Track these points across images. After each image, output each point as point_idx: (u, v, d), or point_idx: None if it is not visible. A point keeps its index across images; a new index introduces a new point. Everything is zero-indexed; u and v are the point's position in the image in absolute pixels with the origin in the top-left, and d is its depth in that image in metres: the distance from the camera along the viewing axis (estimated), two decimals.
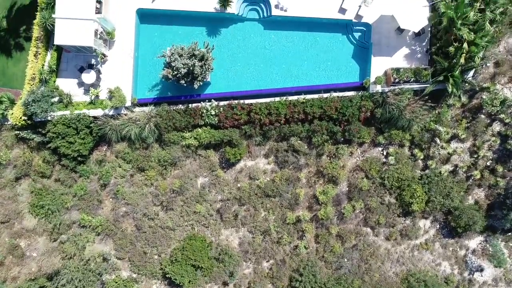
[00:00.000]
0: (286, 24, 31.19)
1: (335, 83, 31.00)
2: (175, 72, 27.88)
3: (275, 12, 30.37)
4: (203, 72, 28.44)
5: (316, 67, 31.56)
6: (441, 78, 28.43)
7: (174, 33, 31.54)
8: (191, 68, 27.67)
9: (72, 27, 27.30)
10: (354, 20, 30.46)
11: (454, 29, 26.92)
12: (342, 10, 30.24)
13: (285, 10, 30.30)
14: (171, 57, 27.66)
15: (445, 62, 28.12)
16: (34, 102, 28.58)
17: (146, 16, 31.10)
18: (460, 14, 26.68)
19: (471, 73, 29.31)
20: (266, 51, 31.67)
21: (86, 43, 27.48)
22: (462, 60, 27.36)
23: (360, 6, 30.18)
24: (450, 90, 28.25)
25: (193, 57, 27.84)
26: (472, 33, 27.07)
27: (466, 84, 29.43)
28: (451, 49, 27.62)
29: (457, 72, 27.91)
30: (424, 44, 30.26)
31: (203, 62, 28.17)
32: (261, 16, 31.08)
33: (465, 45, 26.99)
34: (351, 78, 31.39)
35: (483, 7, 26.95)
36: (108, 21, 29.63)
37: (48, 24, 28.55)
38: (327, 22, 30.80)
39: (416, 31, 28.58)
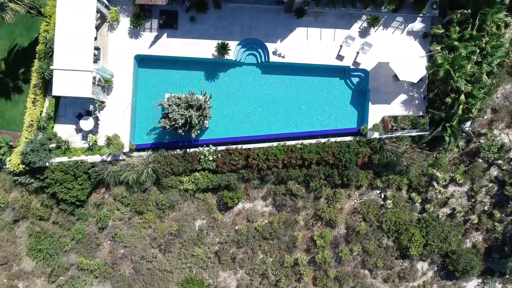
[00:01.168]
0: (283, 69, 31.27)
1: (333, 129, 31.05)
2: (173, 123, 27.95)
3: (273, 58, 30.46)
4: (200, 121, 28.50)
5: (313, 112, 31.63)
6: (439, 128, 28.44)
7: (172, 77, 31.63)
8: (188, 119, 27.74)
9: (70, 78, 27.34)
10: (352, 67, 30.53)
11: (452, 80, 26.94)
12: (340, 57, 30.32)
13: (283, 57, 30.38)
14: (169, 108, 27.72)
15: (442, 113, 28.16)
16: (32, 152, 28.63)
17: (144, 61, 31.18)
18: (457, 67, 26.70)
19: (469, 123, 29.35)
20: (263, 95, 31.74)
21: (84, 94, 27.52)
22: (459, 111, 27.40)
23: (357, 53, 30.26)
24: (447, 140, 28.29)
25: (190, 108, 27.90)
26: (469, 85, 27.12)
27: (464, 134, 29.48)
28: (449, 100, 27.65)
29: (454, 122, 27.93)
30: (421, 90, 30.33)
31: (200, 111, 28.23)
32: (259, 61, 31.14)
33: (462, 96, 27.04)
34: (349, 123, 31.46)
35: (480, 60, 26.95)
36: (106, 69, 29.70)
37: (46, 74, 28.60)
38: (325, 67, 30.86)
39: (415, 82, 28.59)
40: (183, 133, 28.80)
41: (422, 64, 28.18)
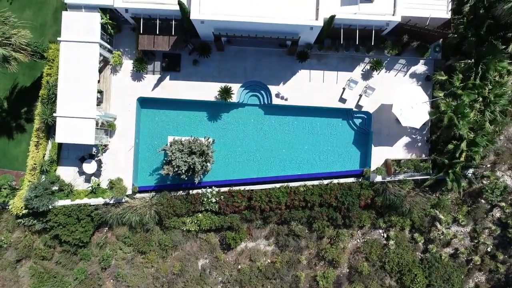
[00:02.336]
0: (286, 110, 31.25)
1: (336, 171, 31.01)
2: (176, 169, 27.96)
3: (275, 101, 30.45)
4: (204, 166, 28.51)
5: (316, 152, 31.62)
6: (441, 174, 28.45)
7: (175, 117, 31.63)
8: (191, 166, 27.77)
9: (73, 125, 27.36)
10: (354, 109, 30.52)
11: (455, 127, 26.91)
12: (343, 100, 30.31)
13: (286, 99, 30.38)
14: (172, 155, 27.74)
15: (445, 159, 28.15)
16: (36, 197, 28.64)
17: (147, 102, 31.16)
18: (460, 115, 26.68)
19: (471, 170, 29.33)
20: (266, 135, 31.74)
21: (87, 141, 27.56)
22: (462, 159, 27.38)
23: (360, 96, 30.25)
24: (450, 186, 28.26)
25: (193, 154, 27.90)
26: (472, 132, 27.11)
27: (466, 180, 29.48)
28: (451, 146, 27.62)
29: (457, 168, 27.91)
30: (424, 133, 30.30)
31: (203, 157, 28.24)
32: (262, 103, 31.13)
33: (463, 144, 27.01)
34: (352, 164, 31.44)
35: (483, 107, 26.94)
36: (109, 113, 29.70)
37: (49, 121, 28.62)
38: (328, 108, 30.84)
39: (418, 127, 28.57)
40: (186, 178, 28.81)
41: (425, 110, 28.15)
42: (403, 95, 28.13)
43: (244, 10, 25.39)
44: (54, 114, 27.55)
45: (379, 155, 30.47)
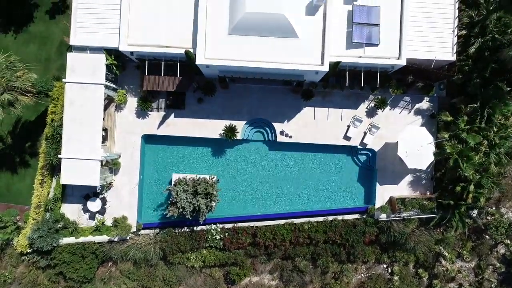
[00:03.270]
0: (290, 145, 31.22)
1: (340, 208, 31.00)
2: (181, 210, 27.97)
3: (280, 138, 30.44)
4: (208, 206, 28.51)
5: (320, 188, 31.61)
6: (446, 214, 28.47)
7: (179, 153, 31.63)
8: (196, 208, 27.79)
9: (78, 166, 27.34)
10: (359, 146, 30.51)
11: (459, 169, 26.90)
12: (347, 137, 30.30)
13: (290, 137, 30.36)
14: (177, 197, 27.75)
15: (450, 200, 28.16)
16: (40, 237, 28.65)
17: (151, 138, 31.15)
18: (466, 158, 26.67)
19: (476, 211, 29.33)
20: (270, 171, 31.72)
21: (92, 183, 27.56)
22: (469, 200, 27.38)
23: (365, 133, 30.24)
24: (455, 226, 28.28)
25: (198, 195, 27.91)
26: (477, 174, 27.10)
27: (471, 220, 29.48)
28: (458, 189, 27.60)
29: (462, 209, 27.92)
30: (429, 170, 30.26)
31: (208, 198, 28.24)
32: (266, 139, 31.13)
33: (471, 187, 27.00)
34: (356, 200, 31.44)
35: (488, 150, 26.93)
36: (113, 152, 29.70)
37: (54, 161, 28.62)
38: (332, 145, 30.83)
39: (424, 169, 28.55)
40: (190, 218, 28.84)
41: (430, 150, 28.12)
42: (408, 136, 28.11)
43: (249, 55, 25.38)
44: (59, 156, 27.53)
45: (384, 192, 30.47)
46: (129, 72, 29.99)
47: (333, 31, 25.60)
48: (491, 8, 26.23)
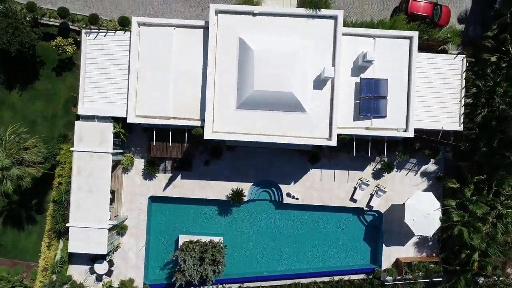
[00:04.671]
0: (297, 205, 31.25)
1: (346, 269, 31.07)
2: (188, 278, 28.06)
3: (286, 200, 30.52)
4: (215, 272, 28.59)
5: (327, 247, 31.67)
6: (452, 279, 28.60)
7: (186, 212, 31.69)
8: (204, 276, 27.89)
9: (85, 235, 27.44)
10: (365, 208, 30.59)
11: (466, 238, 26.98)
12: (354, 200, 30.37)
13: (297, 199, 30.44)
14: (184, 266, 27.82)
15: (456, 266, 28.26)
16: None
17: (158, 197, 31.20)
18: (473, 228, 26.77)
19: (483, 278, 29.42)
20: (277, 230, 31.78)
21: (100, 251, 27.67)
22: (474, 267, 27.48)
23: (371, 195, 30.32)
24: None
25: (205, 263, 27.99)
26: (484, 243, 27.19)
27: (478, 286, 29.59)
28: (463, 256, 27.71)
29: (469, 275, 28.01)
30: (435, 232, 30.25)
31: (216, 265, 28.32)
32: (273, 199, 31.20)
33: (475, 255, 27.11)
34: (362, 260, 31.52)
35: (495, 220, 27.02)
36: (121, 217, 29.79)
37: (61, 228, 28.72)
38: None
39: (430, 235, 28.64)
40: (197, 283, 28.93)
41: (436, 217, 28.20)
42: (415, 202, 28.20)
43: (256, 128, 25.51)
44: (67, 225, 27.61)
45: (390, 253, 30.56)
46: (136, 134, 30.01)
47: (340, 104, 25.69)
48: (498, 79, 26.30)
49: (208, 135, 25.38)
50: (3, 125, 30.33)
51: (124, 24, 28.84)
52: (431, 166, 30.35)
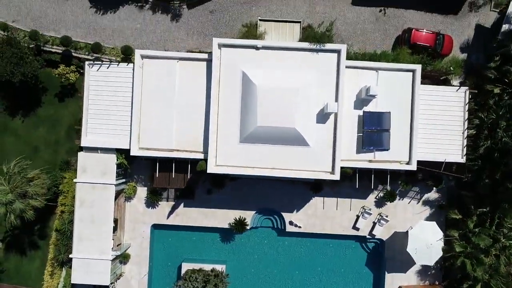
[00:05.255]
0: (299, 233, 31.28)
1: None
2: None
3: (289, 228, 30.57)
4: None
5: (329, 274, 31.70)
6: None
7: (188, 239, 31.73)
8: None
9: (88, 266, 27.47)
10: (368, 236, 30.63)
11: (469, 270, 27.01)
12: (356, 228, 30.40)
13: (299, 227, 30.48)
14: None
15: None
16: None
17: (160, 224, 31.24)
18: (475, 260, 26.79)
19: None
20: (279, 257, 31.82)
21: (103, 282, 27.71)
22: None
23: (374, 223, 30.34)
24: None
25: None
26: (487, 275, 27.22)
27: None
28: (466, 286, 27.74)
29: None
30: (437, 260, 30.31)
31: None
32: (275, 227, 31.23)
33: (478, 287, 27.13)
34: (365, 287, 31.55)
35: (498, 252, 27.05)
36: (123, 242, 29.82)
37: (64, 258, 28.76)
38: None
39: (431, 265, 28.69)
40: None
41: (439, 246, 28.24)
42: (418, 232, 28.24)
43: (259, 162, 25.57)
44: (70, 256, 27.66)
45: (393, 280, 30.58)
46: (139, 162, 30.02)
47: (343, 137, 25.71)
48: (500, 112, 26.32)
49: (211, 169, 25.44)
50: (5, 152, 30.38)
51: (127, 53, 28.92)
52: (433, 195, 30.36)
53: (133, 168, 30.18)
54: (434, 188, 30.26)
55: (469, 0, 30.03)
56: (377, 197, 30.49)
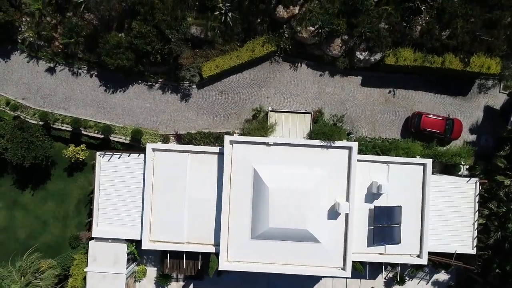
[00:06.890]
0: None
1: None
2: None
3: None
4: None
5: None
6: None
7: None
8: None
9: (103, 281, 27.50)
10: None
11: None
12: None
13: None
14: None
15: None
16: None
17: None
18: None
19: None
20: None
21: None
22: None
23: None
24: None
25: None
26: None
27: None
28: None
29: None
30: None
31: None
32: None
33: None
34: None
35: None
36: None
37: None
38: None
39: None
40: None
41: None
42: None
43: (270, 258, 25.60)
44: (85, 269, 27.68)
45: None
46: None
47: (354, 231, 25.75)
48: (511, 206, 26.35)
49: (223, 266, 25.47)
50: (15, 226, 30.35)
51: (137, 138, 29.01)
52: (442, 276, 30.38)
53: (143, 251, 30.24)
54: (443, 270, 30.28)
55: (478, 82, 30.06)
56: (386, 278, 30.51)
